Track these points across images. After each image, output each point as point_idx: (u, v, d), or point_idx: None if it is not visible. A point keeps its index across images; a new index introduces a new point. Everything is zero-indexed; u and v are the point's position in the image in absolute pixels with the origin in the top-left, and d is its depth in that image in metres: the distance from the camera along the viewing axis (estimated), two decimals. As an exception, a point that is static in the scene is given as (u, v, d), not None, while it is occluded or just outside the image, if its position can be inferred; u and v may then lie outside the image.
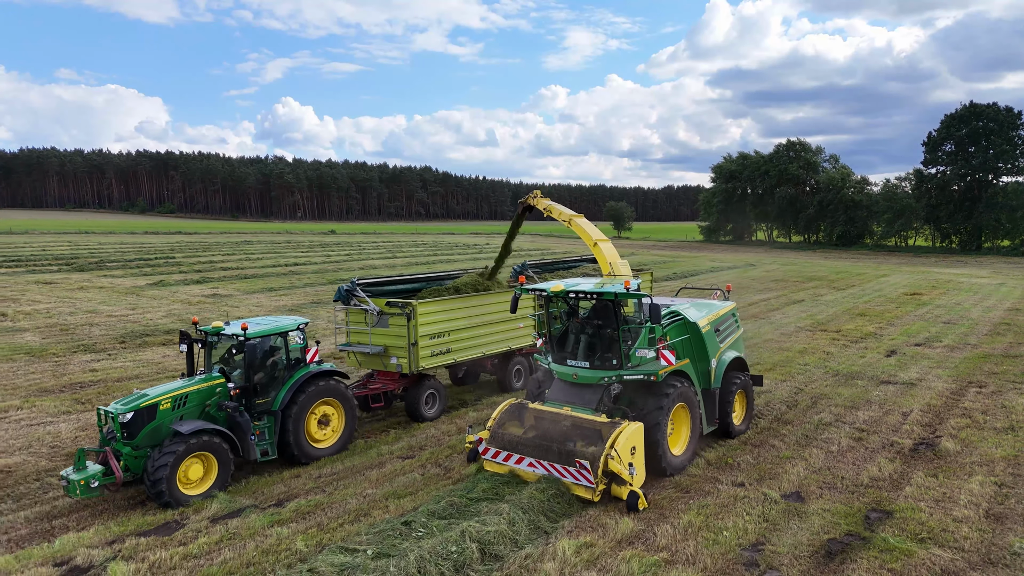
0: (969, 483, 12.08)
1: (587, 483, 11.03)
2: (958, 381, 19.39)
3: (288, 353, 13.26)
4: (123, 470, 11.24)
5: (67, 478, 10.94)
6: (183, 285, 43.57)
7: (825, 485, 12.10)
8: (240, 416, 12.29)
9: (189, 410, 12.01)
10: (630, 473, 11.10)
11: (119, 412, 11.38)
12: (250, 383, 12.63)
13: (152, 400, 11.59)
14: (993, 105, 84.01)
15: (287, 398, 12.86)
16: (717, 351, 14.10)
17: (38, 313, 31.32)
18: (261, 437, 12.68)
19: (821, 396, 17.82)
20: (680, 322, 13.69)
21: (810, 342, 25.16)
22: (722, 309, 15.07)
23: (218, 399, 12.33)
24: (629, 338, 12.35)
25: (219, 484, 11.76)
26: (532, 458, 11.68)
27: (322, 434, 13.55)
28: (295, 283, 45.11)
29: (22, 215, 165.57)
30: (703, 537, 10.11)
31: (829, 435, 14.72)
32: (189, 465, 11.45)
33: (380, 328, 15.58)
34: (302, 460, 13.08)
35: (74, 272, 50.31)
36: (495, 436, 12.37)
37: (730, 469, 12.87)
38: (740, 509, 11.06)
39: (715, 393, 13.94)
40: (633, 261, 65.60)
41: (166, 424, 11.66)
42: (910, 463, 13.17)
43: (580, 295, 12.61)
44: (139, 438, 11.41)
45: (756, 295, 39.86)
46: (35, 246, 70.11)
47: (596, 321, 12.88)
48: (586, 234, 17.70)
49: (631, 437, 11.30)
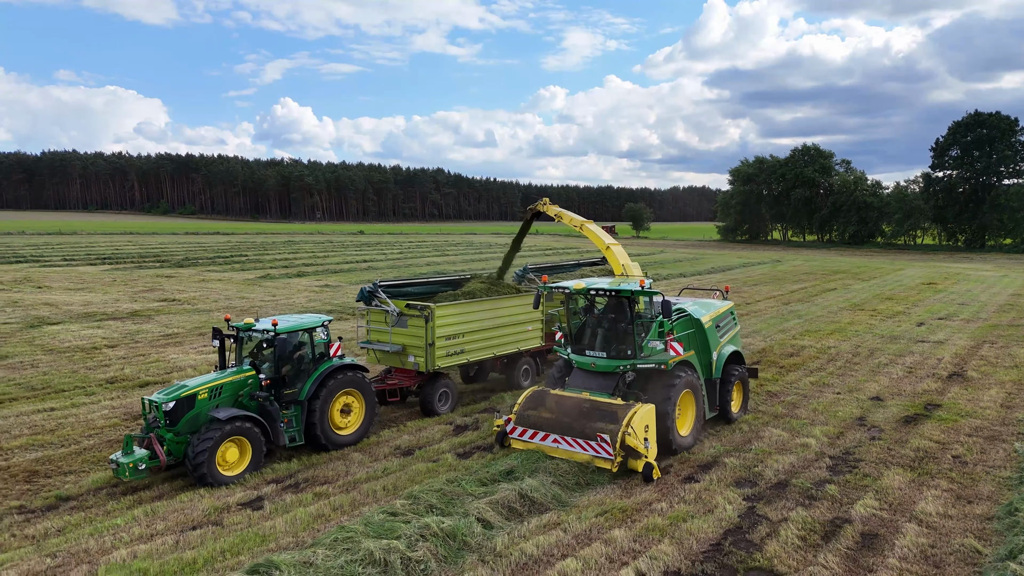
0: (988, 392, 18.46)
1: (607, 455, 12.24)
2: (975, 340, 25.82)
3: (314, 347, 13.92)
4: (166, 454, 12.01)
5: (117, 461, 11.67)
6: (287, 278, 49.33)
7: (894, 393, 18.44)
8: (270, 405, 13.06)
9: (224, 399, 12.73)
10: (645, 447, 12.31)
11: (162, 401, 12.14)
12: (279, 375, 13.34)
13: (191, 390, 12.38)
14: (995, 113, 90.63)
15: (313, 389, 13.50)
16: (718, 345, 15.49)
17: (199, 299, 37.31)
18: (289, 425, 13.35)
19: (876, 349, 24.18)
20: (686, 318, 14.94)
21: (853, 318, 31.50)
22: (722, 308, 16.36)
23: (250, 390, 13.07)
24: (642, 331, 13.72)
25: (252, 466, 12.55)
26: (556, 435, 12.89)
27: (345, 422, 14.17)
28: (385, 275, 51.28)
29: (50, 217, 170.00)
30: (826, 414, 16.40)
31: (889, 370, 21.08)
32: (226, 448, 12.18)
33: (399, 328, 16.17)
34: (327, 446, 13.72)
35: (172, 268, 55.58)
36: (521, 418, 13.50)
37: (827, 386, 19.19)
38: (844, 403, 17.41)
39: (716, 383, 15.28)
40: (662, 259, 72.05)
41: (204, 412, 12.39)
42: (947, 384, 19.51)
43: (600, 292, 14.03)
44: (180, 425, 12.20)
45: (794, 285, 46.24)
46: (104, 245, 74.40)
47: (611, 316, 14.22)
48: (598, 238, 19.15)
49: (645, 416, 12.52)
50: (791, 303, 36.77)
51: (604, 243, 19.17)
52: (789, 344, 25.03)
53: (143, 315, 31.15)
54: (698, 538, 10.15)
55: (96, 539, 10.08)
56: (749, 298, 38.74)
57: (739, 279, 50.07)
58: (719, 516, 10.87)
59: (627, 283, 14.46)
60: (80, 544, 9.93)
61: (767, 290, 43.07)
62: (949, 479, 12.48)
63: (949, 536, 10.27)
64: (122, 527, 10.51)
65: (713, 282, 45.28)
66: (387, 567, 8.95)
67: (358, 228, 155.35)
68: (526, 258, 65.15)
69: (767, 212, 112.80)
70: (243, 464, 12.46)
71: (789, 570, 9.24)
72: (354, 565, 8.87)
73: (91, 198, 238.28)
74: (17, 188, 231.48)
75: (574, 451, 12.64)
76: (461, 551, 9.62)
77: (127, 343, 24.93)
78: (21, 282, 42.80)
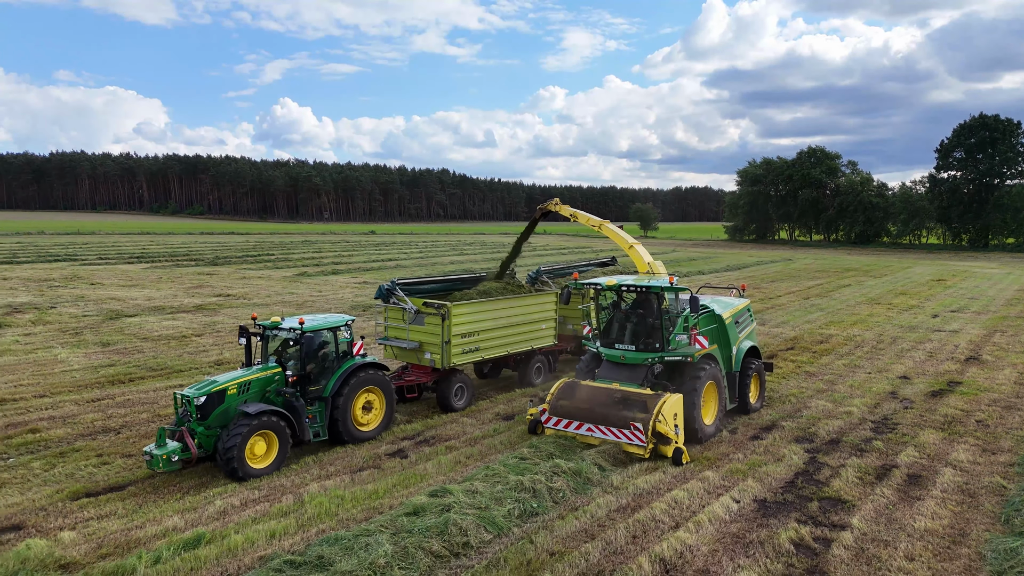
0: (1002, 372, 20.73)
1: (639, 442, 12.97)
2: (987, 329, 28.12)
3: (338, 346, 14.27)
4: (197, 447, 12.31)
5: (151, 453, 11.92)
6: (323, 276, 51.52)
7: (919, 373, 20.70)
8: (297, 401, 13.36)
9: (251, 395, 13.08)
10: (676, 432, 13.06)
11: (195, 396, 12.46)
12: (305, 372, 13.65)
13: (221, 386, 12.71)
14: (996, 116, 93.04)
15: (336, 386, 13.84)
16: (737, 340, 16.13)
17: (251, 295, 39.50)
18: (313, 420, 13.69)
19: (897, 337, 26.46)
20: (708, 314, 15.50)
21: (871, 310, 33.77)
22: (740, 304, 16.95)
23: (276, 386, 13.37)
24: (670, 326, 14.40)
25: (279, 460, 12.77)
26: (589, 423, 13.57)
27: (366, 418, 14.55)
28: (414, 273, 53.51)
29: (60, 217, 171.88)
30: (861, 389, 18.66)
31: (912, 354, 23.35)
32: (255, 442, 12.45)
33: (416, 326, 16.50)
34: (349, 441, 14.07)
35: (208, 266, 57.65)
36: (554, 407, 14.17)
37: (858, 367, 21.43)
38: (876, 381, 19.68)
39: (735, 376, 15.90)
40: (675, 257, 74.31)
41: (233, 407, 12.73)
42: (965, 366, 21.77)
43: (631, 288, 14.71)
44: (211, 419, 12.52)
45: (810, 281, 48.52)
46: (128, 245, 76.00)
47: (640, 311, 14.85)
48: (620, 238, 19.29)
49: (674, 405, 13.23)
50: (810, 298, 39.05)
51: (627, 242, 19.36)
52: (817, 333, 27.32)
53: (208, 308, 33.39)
54: (775, 478, 12.43)
55: (288, 478, 12.39)
56: (770, 293, 41.01)
57: (756, 276, 52.36)
58: (788, 463, 13.14)
59: (657, 280, 15.33)
60: (278, 481, 12.27)
61: (785, 286, 45.33)
62: (975, 437, 14.75)
63: (979, 476, 12.54)
64: (303, 470, 12.85)
65: (731, 279, 47.55)
66: (535, 493, 11.25)
67: (369, 228, 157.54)
68: (537, 258, 67.36)
69: (774, 212, 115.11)
70: (270, 457, 12.69)
71: (853, 499, 11.51)
72: (509, 491, 11.16)
73: (99, 199, 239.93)
74: (26, 188, 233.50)
75: (607, 438, 13.33)
76: (586, 485, 11.90)
77: (210, 332, 27.19)
78: (71, 279, 44.99)
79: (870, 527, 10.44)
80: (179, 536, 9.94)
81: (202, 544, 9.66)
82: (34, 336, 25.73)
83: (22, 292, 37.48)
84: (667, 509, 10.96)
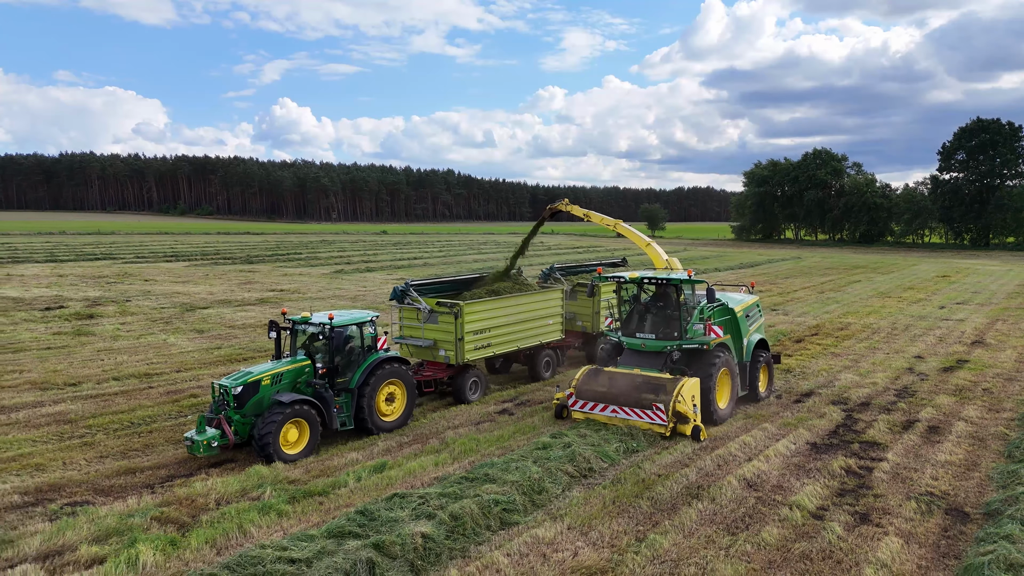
0: (1004, 352, 23.58)
1: (661, 422, 14.09)
2: (990, 318, 31.00)
3: (363, 340, 14.93)
4: (233, 434, 13.09)
5: (192, 439, 12.74)
6: (359, 273, 54.16)
7: (931, 354, 23.53)
8: (326, 392, 14.03)
9: (283, 386, 13.77)
10: (694, 411, 14.30)
11: (232, 386, 13.22)
12: (333, 364, 14.35)
13: (256, 376, 13.45)
14: (997, 120, 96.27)
15: (362, 378, 14.51)
16: (747, 332, 17.17)
17: (303, 290, 42.20)
18: (340, 410, 14.34)
19: (909, 325, 29.32)
20: (722, 306, 16.48)
21: (883, 303, 36.62)
22: (750, 300, 18.02)
23: (306, 378, 14.11)
24: (687, 316, 15.55)
25: (311, 446, 13.47)
26: (613, 406, 14.67)
27: (389, 410, 15.18)
28: (443, 271, 56.27)
29: (72, 217, 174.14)
30: (882, 366, 21.49)
31: (923, 339, 26.21)
32: (288, 429, 13.17)
33: (430, 324, 17.19)
34: (373, 431, 14.72)
35: (245, 264, 60.17)
36: (580, 392, 15.24)
37: (877, 349, 24.25)
38: (894, 359, 22.52)
39: (746, 365, 16.97)
40: (689, 255, 77.14)
41: (267, 396, 13.45)
42: (971, 348, 24.60)
43: (652, 280, 15.97)
44: (246, 407, 13.26)
45: (821, 278, 51.41)
46: (156, 244, 78.60)
47: (659, 303, 16.10)
48: (636, 236, 20.04)
49: (692, 387, 14.42)
50: (825, 292, 41.93)
51: (644, 240, 20.06)
52: (836, 322, 30.18)
53: (270, 302, 36.19)
54: (820, 428, 15.28)
55: (426, 428, 15.31)
56: (786, 288, 43.87)
57: (769, 273, 55.22)
58: (829, 419, 15.99)
59: (676, 273, 16.59)
60: (416, 432, 15.21)
61: (799, 282, 48.17)
62: (983, 400, 17.60)
63: (987, 427, 15.39)
64: (432, 423, 15.74)
65: (746, 276, 50.42)
66: (632, 435, 14.11)
67: (380, 228, 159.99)
68: (553, 256, 70.18)
69: (780, 212, 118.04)
70: (302, 443, 13.38)
71: (886, 442, 14.33)
72: (611, 435, 14.08)
73: (109, 199, 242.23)
74: (37, 189, 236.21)
75: (630, 419, 14.48)
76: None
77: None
78: (123, 276, 47.75)
79: (901, 460, 13.29)
80: (367, 463, 12.81)
81: (387, 469, 12.53)
82: (130, 325, 28.53)
83: (86, 288, 40.22)
84: (740, 448, 13.80)
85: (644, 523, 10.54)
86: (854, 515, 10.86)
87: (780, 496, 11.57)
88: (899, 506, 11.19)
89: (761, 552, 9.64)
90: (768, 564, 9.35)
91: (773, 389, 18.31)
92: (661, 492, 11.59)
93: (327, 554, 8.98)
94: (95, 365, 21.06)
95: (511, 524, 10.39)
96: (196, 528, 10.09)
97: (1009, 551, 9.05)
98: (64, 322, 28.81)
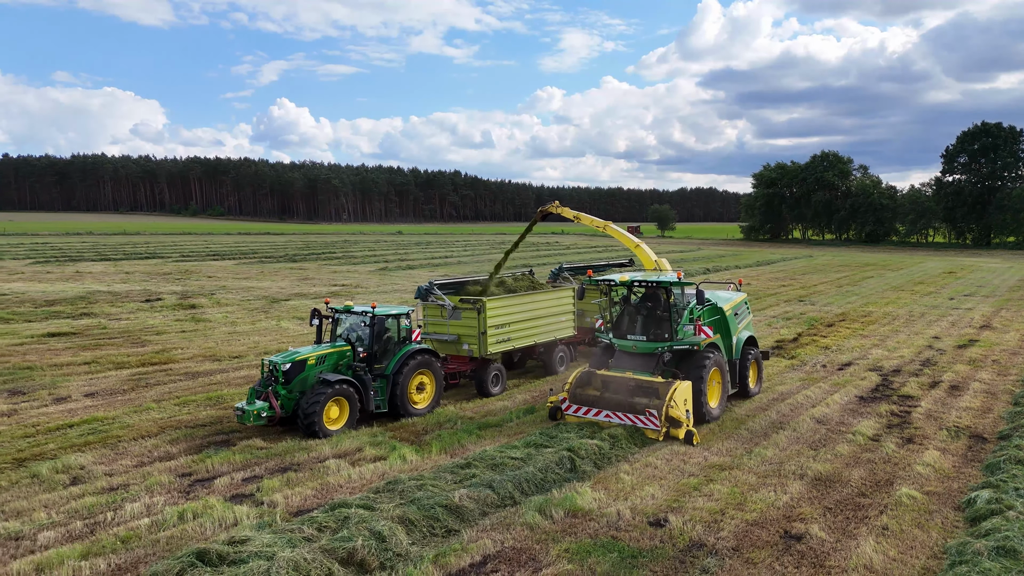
0: (1009, 334, 27.37)
1: (654, 427, 14.15)
2: (995, 307, 34.87)
3: (399, 331, 15.99)
4: (280, 407, 14.04)
5: (242, 409, 13.71)
6: (400, 270, 57.16)
7: (946, 335, 27.30)
8: (365, 375, 14.95)
9: (327, 367, 14.84)
10: (687, 417, 14.32)
11: (281, 363, 14.25)
12: (372, 350, 15.36)
13: (303, 356, 14.56)
14: (999, 124, 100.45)
15: (397, 366, 15.46)
16: (736, 330, 17.43)
17: (360, 286, 45.66)
18: (376, 394, 15.28)
19: (924, 313, 33.12)
20: (711, 306, 16.60)
21: (898, 295, 40.42)
22: (738, 298, 18.12)
23: (347, 361, 15.14)
24: (677, 317, 15.61)
25: (350, 424, 14.50)
26: (607, 410, 14.77)
27: (419, 397, 16.11)
28: (477, 269, 59.74)
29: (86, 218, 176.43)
30: (906, 344, 25.23)
31: (938, 324, 30.00)
32: (330, 407, 14.12)
33: (454, 320, 17.99)
34: (404, 416, 15.60)
35: (286, 263, 62.77)
36: (573, 395, 15.36)
37: (898, 332, 28.00)
38: (914, 339, 26.27)
39: (735, 363, 17.16)
40: (704, 255, 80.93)
41: (311, 376, 14.48)
42: (980, 330, 28.37)
43: (641, 283, 16.17)
44: (293, 384, 14.29)
45: (836, 274, 55.24)
46: (188, 245, 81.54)
47: (649, 304, 16.15)
48: (625, 237, 20.51)
49: (684, 391, 14.47)
50: (843, 286, 45.73)
51: (633, 242, 20.60)
52: (860, 310, 33.98)
53: (343, 295, 39.74)
54: (863, 387, 19.04)
55: (503, 402, 19.05)
56: (806, 283, 47.66)
57: (786, 270, 58.99)
58: (869, 381, 19.75)
59: (665, 275, 16.97)
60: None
61: (816, 278, 51.94)
62: (993, 368, 21.38)
63: (997, 386, 19.16)
64: (509, 396, 19.45)
65: (761, 274, 54.19)
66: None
67: (396, 229, 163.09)
68: (571, 256, 73.79)
69: (788, 213, 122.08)
70: (342, 420, 14.42)
71: (919, 396, 18.08)
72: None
73: (121, 200, 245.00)
74: (50, 190, 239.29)
75: (624, 423, 14.54)
76: (745, 389, 18.51)
77: (369, 310, 33.65)
78: (186, 273, 51.33)
79: (932, 406, 17.07)
80: (517, 408, 16.59)
81: (535, 411, 16.29)
82: (234, 314, 32.10)
83: (159, 283, 43.61)
84: (803, 400, 17.57)
85: (748, 443, 14.31)
86: (901, 439, 14.62)
87: (844, 428, 15.34)
88: (934, 434, 14.97)
89: (839, 459, 13.39)
90: (846, 465, 13.10)
91: (762, 385, 18.59)
92: (753, 426, 15.36)
93: (536, 455, 12.73)
94: (238, 344, 24.76)
95: (651, 442, 14.14)
96: (430, 441, 13.87)
97: (1019, 454, 12.83)
98: (172, 311, 32.31)
